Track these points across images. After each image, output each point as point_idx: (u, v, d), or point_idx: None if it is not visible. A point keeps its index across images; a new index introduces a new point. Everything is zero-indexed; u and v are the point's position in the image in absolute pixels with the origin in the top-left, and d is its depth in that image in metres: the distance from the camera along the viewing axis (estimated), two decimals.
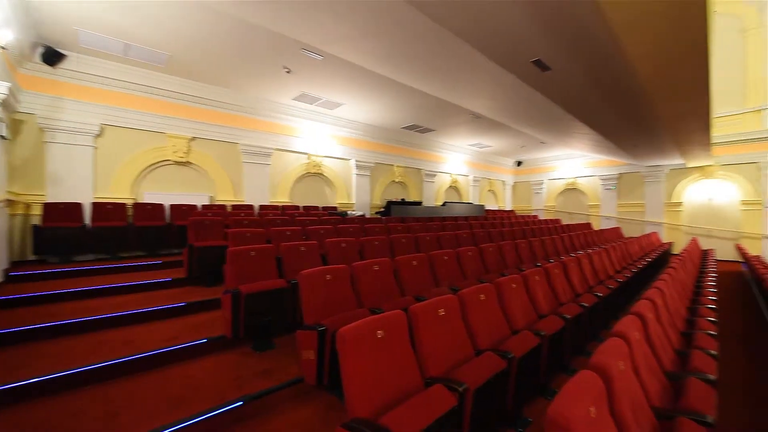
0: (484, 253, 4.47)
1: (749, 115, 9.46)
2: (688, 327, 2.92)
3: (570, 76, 4.69)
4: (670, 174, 10.96)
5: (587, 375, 1.36)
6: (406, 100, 7.36)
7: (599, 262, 4.69)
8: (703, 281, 4.65)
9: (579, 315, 2.95)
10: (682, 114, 5.73)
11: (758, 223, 9.37)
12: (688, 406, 1.68)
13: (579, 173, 13.19)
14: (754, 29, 9.39)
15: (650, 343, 2.08)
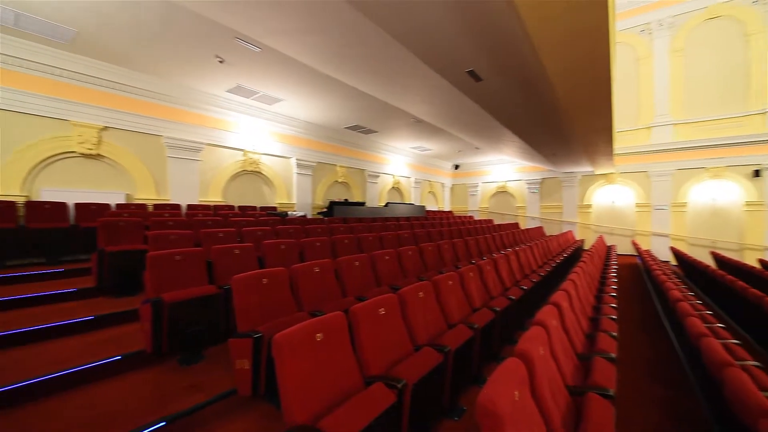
0: (424, 252, 4.63)
1: (641, 131, 11.20)
2: (595, 313, 3.34)
3: (500, 88, 5.09)
4: (582, 180, 12.50)
5: (512, 362, 1.48)
6: (349, 100, 7.33)
7: (525, 258, 5.16)
8: (607, 273, 5.37)
9: (507, 307, 3.21)
10: (591, 128, 6.58)
11: (648, 222, 11.12)
12: (595, 382, 1.92)
13: (509, 177, 14.39)
14: (644, 58, 11.14)
15: (565, 329, 2.33)
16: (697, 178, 10.35)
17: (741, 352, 2.39)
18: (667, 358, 3.54)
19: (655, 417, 2.53)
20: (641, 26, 11.09)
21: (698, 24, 10.31)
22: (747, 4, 9.60)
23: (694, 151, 10.31)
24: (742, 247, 9.72)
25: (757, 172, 9.46)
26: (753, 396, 1.29)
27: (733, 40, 9.85)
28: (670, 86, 10.69)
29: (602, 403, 1.71)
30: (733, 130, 9.80)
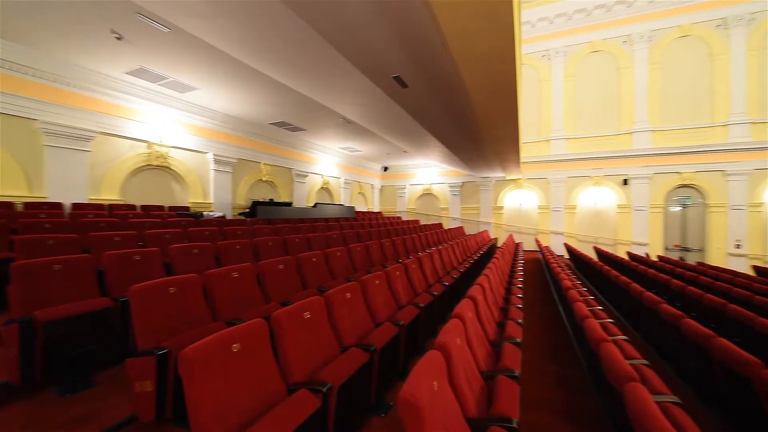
0: (353, 252, 4.63)
1: (543, 143, 12.86)
2: (505, 303, 3.72)
3: (425, 96, 5.37)
4: (496, 184, 13.86)
5: (432, 354, 1.55)
6: (274, 95, 6.98)
7: (447, 256, 5.51)
8: (515, 267, 6.03)
9: (431, 303, 3.38)
10: (502, 138, 7.33)
11: (548, 222, 12.81)
12: (504, 366, 2.12)
13: (433, 180, 15.26)
14: (545, 80, 12.82)
15: (480, 320, 2.54)
16: (583, 185, 12.28)
17: (614, 330, 2.88)
18: (562, 339, 4.11)
19: (552, 391, 2.91)
20: (542, 52, 12.75)
21: (584, 55, 12.25)
22: (619, 42, 11.71)
23: (581, 162, 12.21)
24: (615, 242, 11.81)
25: (626, 181, 11.61)
26: (621, 365, 1.56)
27: (610, 71, 11.93)
28: (564, 105, 12.49)
29: (509, 384, 1.90)
30: (609, 146, 11.87)
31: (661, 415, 1.14)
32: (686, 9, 10.84)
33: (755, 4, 10.17)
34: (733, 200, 10.44)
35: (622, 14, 11.51)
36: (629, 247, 11.35)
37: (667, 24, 11.09)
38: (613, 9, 11.52)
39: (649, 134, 11.33)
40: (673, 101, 11.14)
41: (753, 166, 10.23)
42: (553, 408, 2.67)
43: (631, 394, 1.32)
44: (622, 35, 11.64)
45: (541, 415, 2.55)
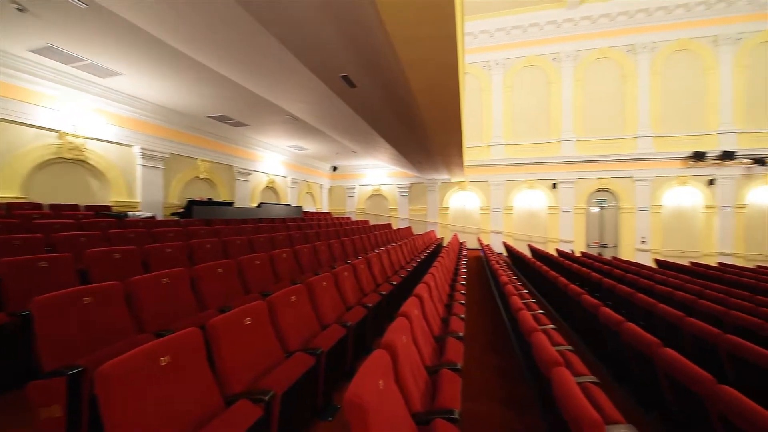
0: (299, 254, 4.50)
1: (484, 148, 13.68)
2: (449, 300, 3.88)
3: (374, 97, 5.40)
4: (442, 186, 14.44)
5: (378, 353, 1.56)
6: (214, 87, 6.52)
7: (395, 256, 5.61)
8: (459, 265, 6.33)
9: (379, 302, 3.40)
10: (447, 142, 7.65)
11: (489, 222, 13.65)
12: (447, 359, 2.21)
13: (383, 181, 15.43)
14: (486, 89, 13.65)
15: (425, 317, 2.62)
16: (519, 187, 13.30)
17: (544, 320, 3.15)
18: (501, 331, 4.40)
19: (491, 380, 3.10)
20: (483, 63, 13.57)
21: (520, 68, 13.28)
22: (550, 59, 12.89)
23: (517, 167, 13.21)
24: (546, 240, 12.96)
25: (555, 184, 12.82)
26: (548, 351, 1.71)
27: (542, 84, 13.08)
28: (503, 114, 13.43)
29: (452, 377, 1.98)
30: (541, 152, 13.01)
31: (581, 394, 1.27)
32: (604, 34, 12.29)
33: (657, 34, 11.87)
34: (640, 203, 12.07)
35: (551, 33, 12.69)
36: (558, 244, 12.54)
37: (589, 46, 12.48)
38: (545, 28, 12.66)
39: (574, 143, 12.65)
40: (592, 115, 12.56)
41: (655, 174, 11.94)
42: (492, 396, 2.85)
43: (557, 377, 1.45)
44: (553, 52, 12.84)
45: (481, 404, 2.70)
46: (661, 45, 11.93)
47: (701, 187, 11.63)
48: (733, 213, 11.36)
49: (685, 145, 11.69)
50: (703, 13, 11.45)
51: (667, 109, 11.94)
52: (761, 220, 11.28)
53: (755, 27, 11.18)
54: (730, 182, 11.36)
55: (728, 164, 11.26)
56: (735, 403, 1.39)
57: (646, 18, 11.86)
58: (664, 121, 11.94)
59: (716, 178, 11.41)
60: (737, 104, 11.40)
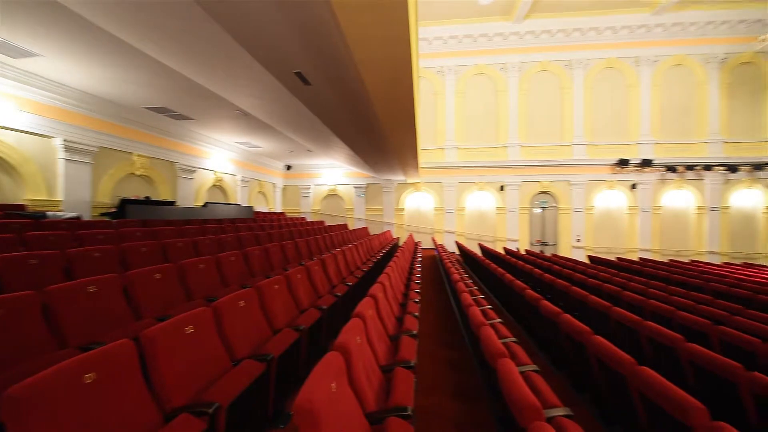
0: (250, 256, 4.29)
1: (438, 151, 14.11)
2: (404, 299, 3.94)
3: (329, 96, 5.31)
4: (398, 187, 14.65)
5: (331, 356, 1.53)
6: (152, 76, 5.97)
7: (351, 256, 5.57)
8: (414, 265, 6.46)
9: (334, 304, 3.36)
10: (402, 144, 7.78)
11: (442, 222, 14.11)
12: (402, 357, 2.24)
13: (339, 181, 15.27)
14: (440, 93, 14.10)
15: (380, 317, 2.63)
16: (470, 189, 13.92)
17: (492, 315, 3.32)
18: (453, 327, 4.56)
19: (444, 374, 3.20)
20: (437, 68, 14.01)
21: (471, 76, 13.92)
22: (498, 68, 13.67)
23: (469, 169, 13.82)
24: (495, 239, 13.71)
25: (502, 187, 13.60)
26: (494, 344, 1.81)
27: (491, 92, 13.81)
28: (455, 118, 13.96)
29: (406, 374, 2.01)
30: (490, 156, 13.74)
31: (523, 382, 1.36)
32: (545, 48, 13.29)
33: (590, 52, 13.11)
34: (575, 204, 13.25)
35: (499, 45, 13.47)
36: (505, 243, 13.32)
37: (532, 59, 13.44)
38: (493, 39, 13.39)
39: (519, 149, 13.53)
40: (535, 123, 13.54)
41: (587, 178, 13.18)
42: (444, 389, 2.94)
43: (502, 367, 1.53)
44: (500, 63, 13.63)
45: (434, 398, 2.78)
46: (593, 62, 13.22)
47: (625, 191, 13.06)
48: (651, 214, 12.92)
49: (612, 153, 13.05)
50: (627, 36, 12.88)
51: (597, 120, 13.25)
52: (673, 220, 12.96)
53: (668, 51, 12.82)
54: (649, 187, 12.90)
55: (647, 171, 12.78)
56: (650, 382, 1.57)
57: (581, 37, 13.05)
58: (595, 130, 13.24)
59: (637, 183, 12.88)
60: (654, 118, 12.98)
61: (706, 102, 12.78)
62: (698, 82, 12.84)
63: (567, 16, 12.69)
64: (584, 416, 2.56)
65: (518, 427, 1.31)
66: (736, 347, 2.66)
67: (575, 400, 2.80)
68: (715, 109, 12.72)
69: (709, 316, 3.43)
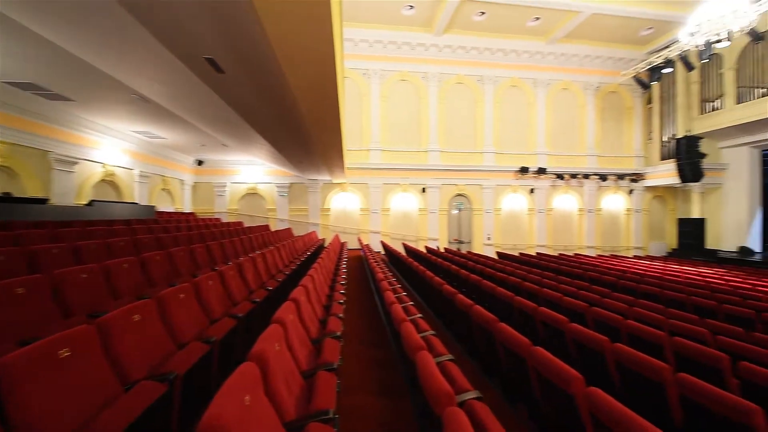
0: (149, 263, 3.75)
1: (364, 152, 14.26)
2: (328, 300, 3.88)
3: (246, 88, 4.94)
4: (323, 187, 14.39)
5: (245, 367, 1.42)
6: (14, 42, 4.81)
7: (272, 259, 5.28)
8: (340, 265, 6.41)
9: (252, 311, 3.13)
10: (327, 144, 7.67)
11: (368, 223, 14.30)
12: (324, 360, 2.19)
13: (260, 179, 14.35)
14: (365, 95, 14.27)
15: (302, 321, 2.54)
16: (395, 191, 14.40)
17: (413, 311, 3.47)
18: (378, 325, 4.64)
19: (369, 372, 3.23)
20: (363, 70, 14.16)
21: (395, 81, 14.40)
22: (420, 77, 14.39)
23: (393, 171, 14.27)
24: (417, 238, 14.40)
25: (424, 189, 14.37)
26: (414, 338, 1.88)
27: (412, 98, 14.48)
28: (380, 121, 14.29)
29: (328, 377, 1.97)
30: (413, 159, 14.39)
31: (438, 372, 1.44)
32: (461, 63, 14.44)
33: (498, 70, 14.66)
34: (486, 206, 14.68)
35: (420, 54, 14.21)
36: (427, 242, 14.09)
37: (450, 71, 14.48)
38: (416, 48, 14.07)
39: (439, 154, 14.46)
40: (453, 130, 14.63)
41: (496, 183, 14.72)
42: (369, 388, 2.97)
43: (420, 360, 1.60)
44: (422, 71, 14.39)
45: (358, 397, 2.78)
46: (501, 80, 14.83)
47: (526, 195, 14.92)
48: (545, 215, 14.99)
49: (516, 161, 14.79)
50: (527, 59, 14.73)
51: (504, 131, 14.90)
52: (561, 220, 15.24)
53: (558, 77, 15.05)
54: (543, 191, 14.96)
55: (542, 178, 14.80)
56: (542, 359, 1.81)
57: (490, 56, 14.51)
58: (502, 141, 14.87)
59: (535, 188, 14.83)
60: (548, 133, 15.11)
61: (585, 122, 15.36)
62: (579, 105, 15.35)
63: (479, 35, 13.98)
64: (493, 397, 2.83)
65: (434, 415, 1.38)
66: (605, 324, 3.23)
67: (486, 384, 3.08)
68: (591, 128, 15.35)
69: (586, 300, 4.10)
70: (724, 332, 3.21)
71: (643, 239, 15.64)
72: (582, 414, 1.58)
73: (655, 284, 5.72)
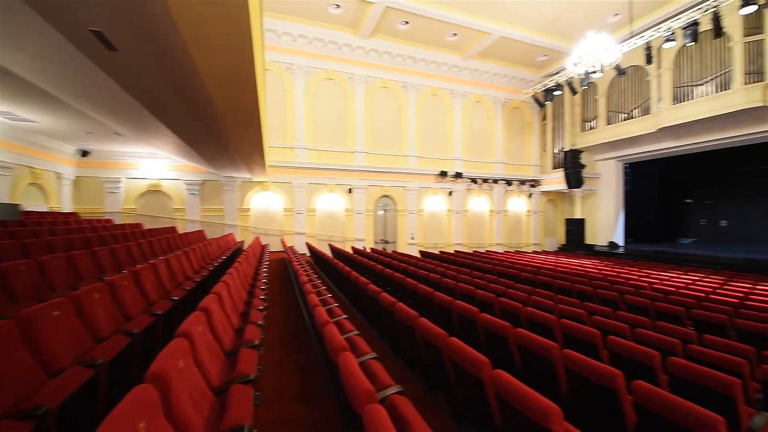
0: (10, 275, 3.02)
1: (288, 150, 13.67)
2: (246, 307, 3.61)
3: (147, 72, 4.33)
4: (242, 185, 13.39)
5: (140, 390, 1.24)
6: None
7: (179, 265, 4.71)
8: (260, 269, 6.02)
9: (151, 325, 2.75)
10: (246, 140, 7.15)
11: (292, 224, 13.74)
12: (240, 373, 2.02)
13: (164, 175, 12.69)
14: (290, 91, 13.70)
15: (214, 332, 2.31)
16: (321, 191, 14.12)
17: (338, 312, 3.43)
18: (302, 330, 4.48)
19: (291, 379, 3.09)
20: (287, 64, 13.58)
21: (322, 79, 14.13)
22: (346, 77, 14.36)
23: (319, 171, 13.98)
24: (344, 239, 14.34)
25: (350, 189, 14.38)
26: (336, 340, 1.86)
27: (339, 97, 14.39)
28: (305, 119, 13.87)
29: (244, 390, 1.82)
30: (339, 160, 14.29)
31: (359, 371, 1.44)
32: (386, 68, 14.83)
33: (421, 79, 15.43)
34: (410, 207, 15.34)
35: (346, 55, 14.20)
36: (353, 243, 14.13)
37: (376, 75, 14.77)
38: (342, 48, 14.02)
39: (365, 155, 14.62)
40: (378, 132, 14.94)
41: (419, 185, 15.48)
42: (291, 395, 2.85)
43: (342, 361, 1.59)
44: (348, 72, 14.39)
45: (280, 405, 2.65)
46: (423, 88, 15.66)
47: (445, 197, 16.01)
48: (462, 215, 16.29)
49: (436, 165, 15.76)
50: (446, 71, 15.80)
51: (426, 136, 15.76)
52: (475, 220, 16.72)
53: (472, 90, 16.48)
54: (460, 194, 16.23)
55: (459, 182, 16.05)
56: (456, 348, 1.95)
57: (414, 64, 15.22)
58: (424, 145, 15.71)
59: (453, 190, 16.00)
60: (464, 140, 16.44)
61: (494, 132, 17.11)
62: (490, 117, 17.06)
63: (404, 43, 14.55)
64: (415, 389, 2.96)
65: (356, 414, 1.38)
66: (509, 312, 3.62)
67: (409, 378, 3.21)
68: (499, 139, 17.18)
69: (494, 291, 4.56)
70: (597, 312, 3.88)
71: (540, 236, 18.05)
72: (489, 394, 1.74)
73: (548, 275, 6.65)
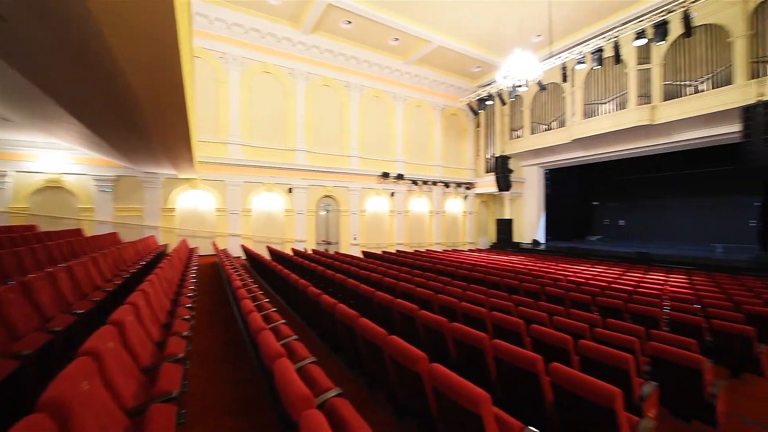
0: None
1: (220, 145, 12.71)
2: (169, 317, 3.27)
3: (44, 48, 3.68)
4: (166, 182, 12.10)
5: (32, 419, 1.04)
6: None
7: (84, 274, 4.07)
8: (187, 274, 5.51)
9: (47, 344, 2.34)
10: (170, 133, 6.47)
11: (225, 225, 12.80)
12: (160, 391, 1.82)
13: (66, 169, 10.92)
14: (223, 82, 12.75)
15: (128, 348, 2.05)
16: (258, 190, 13.38)
17: (276, 317, 3.28)
18: (235, 338, 4.18)
19: (222, 390, 2.87)
20: (220, 53, 12.63)
21: (259, 72, 13.39)
22: (286, 72, 13.81)
23: (256, 169, 13.23)
24: (284, 240, 13.77)
25: (290, 189, 13.87)
26: (272, 346, 1.77)
27: (278, 93, 13.79)
28: (240, 113, 13.03)
29: (165, 410, 1.64)
30: (278, 158, 13.69)
31: (296, 377, 1.39)
32: (328, 66, 14.61)
33: (365, 80, 15.48)
34: (353, 208, 15.30)
35: (286, 49, 13.68)
36: (293, 244, 13.65)
37: (317, 72, 14.45)
38: (282, 42, 13.46)
39: (305, 154, 14.22)
40: (320, 131, 14.65)
41: (361, 186, 15.51)
42: (222, 408, 2.65)
43: (278, 368, 1.52)
44: (288, 67, 13.86)
45: (210, 421, 2.44)
46: (366, 88, 15.74)
47: (387, 198, 16.29)
48: (403, 216, 16.72)
49: (378, 166, 15.96)
50: (389, 74, 16.07)
51: (368, 137, 15.87)
52: (416, 221, 17.29)
53: (413, 94, 17.02)
54: (402, 195, 16.65)
55: (400, 183, 16.46)
56: (395, 346, 1.98)
57: (356, 64, 15.22)
58: (366, 146, 15.81)
59: (395, 192, 16.36)
60: (405, 143, 16.89)
61: (433, 136, 17.88)
62: (429, 122, 17.78)
63: (347, 43, 14.48)
64: (355, 390, 2.94)
65: (292, 422, 1.32)
66: (446, 307, 3.80)
67: (349, 378, 3.18)
68: (438, 143, 17.99)
69: (433, 289, 4.76)
70: (522, 304, 4.27)
71: (475, 235, 19.32)
72: (427, 388, 1.81)
73: (481, 271, 7.14)
